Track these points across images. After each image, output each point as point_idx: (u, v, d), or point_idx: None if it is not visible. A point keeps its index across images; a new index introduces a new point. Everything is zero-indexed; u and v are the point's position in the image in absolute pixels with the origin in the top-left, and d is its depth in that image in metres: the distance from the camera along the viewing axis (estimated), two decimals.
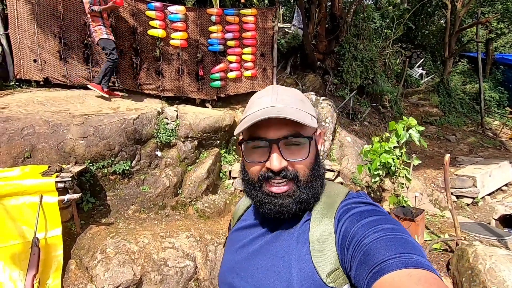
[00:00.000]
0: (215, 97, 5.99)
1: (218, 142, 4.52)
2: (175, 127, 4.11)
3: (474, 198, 5.50)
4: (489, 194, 5.79)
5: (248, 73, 6.07)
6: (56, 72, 4.90)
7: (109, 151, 3.42)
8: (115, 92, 4.90)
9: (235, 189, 4.35)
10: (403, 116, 4.21)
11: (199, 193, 3.82)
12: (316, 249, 0.66)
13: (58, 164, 3.00)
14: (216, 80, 5.87)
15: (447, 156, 3.29)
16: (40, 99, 4.00)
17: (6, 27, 4.58)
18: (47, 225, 2.67)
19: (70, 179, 2.80)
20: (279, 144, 0.67)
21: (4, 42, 4.61)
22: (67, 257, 2.74)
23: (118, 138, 3.49)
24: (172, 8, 5.41)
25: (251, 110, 0.71)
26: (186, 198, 3.75)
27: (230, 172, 4.43)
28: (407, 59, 11.04)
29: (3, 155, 2.98)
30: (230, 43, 5.88)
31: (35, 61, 4.77)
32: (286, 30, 8.50)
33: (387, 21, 10.78)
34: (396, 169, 4.02)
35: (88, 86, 4.50)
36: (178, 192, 3.78)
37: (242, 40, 5.97)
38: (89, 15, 4.39)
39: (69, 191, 2.83)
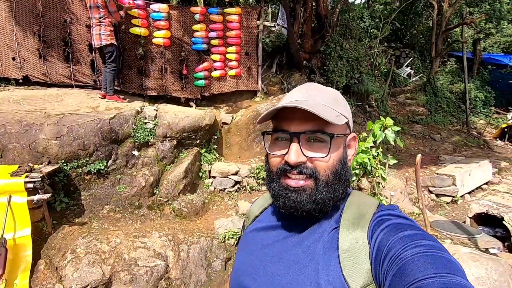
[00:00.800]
0: (199, 96, 5.99)
1: (198, 141, 4.53)
2: (154, 127, 4.11)
3: (453, 197, 5.59)
4: (469, 193, 5.89)
5: (232, 72, 6.08)
6: (36, 70, 4.85)
7: (83, 150, 3.42)
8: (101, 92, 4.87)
9: (215, 188, 4.37)
10: (381, 117, 4.27)
11: (176, 193, 3.84)
12: (347, 261, 0.62)
13: (29, 164, 2.99)
14: (200, 79, 5.86)
15: (418, 157, 3.35)
16: (16, 98, 3.97)
17: None
18: (16, 225, 2.67)
19: (39, 179, 2.80)
20: (300, 138, 0.66)
21: None
22: (37, 257, 2.75)
23: (93, 138, 3.49)
24: (154, 6, 5.38)
25: (279, 103, 0.69)
26: (163, 198, 3.76)
27: (209, 171, 4.45)
28: (395, 58, 11.13)
29: None
30: (214, 42, 5.87)
31: (13, 59, 4.73)
32: (271, 29, 8.50)
33: (376, 20, 10.83)
34: (373, 168, 4.08)
35: (106, 100, 4.62)
36: (155, 191, 3.80)
37: (226, 39, 5.97)
38: (105, 20, 4.47)
39: (39, 191, 2.83)
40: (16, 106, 3.71)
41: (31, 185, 2.75)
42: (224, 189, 4.38)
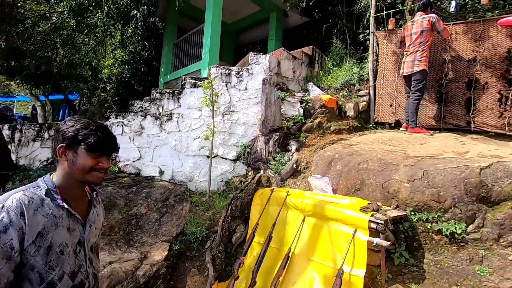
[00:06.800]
0: None
1: None
2: None
3: None
4: None
5: None
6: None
7: (437, 202, 2.75)
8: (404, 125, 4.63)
9: None
10: None
11: None
12: None
13: (378, 203, 2.90)
14: None
15: None
16: (385, 139, 4.23)
17: (374, 79, 5.47)
18: (354, 261, 2.62)
19: (383, 222, 2.57)
20: None
21: (371, 92, 5.52)
22: None
23: (453, 190, 2.71)
24: None
25: None
26: None
27: None
28: None
29: (341, 184, 3.45)
30: None
31: (390, 105, 5.22)
32: None
33: None
34: None
35: (408, 133, 4.45)
36: None
37: None
38: (425, 46, 4.34)
39: (380, 235, 2.60)
40: (382, 145, 3.92)
41: (374, 226, 2.61)
42: None
